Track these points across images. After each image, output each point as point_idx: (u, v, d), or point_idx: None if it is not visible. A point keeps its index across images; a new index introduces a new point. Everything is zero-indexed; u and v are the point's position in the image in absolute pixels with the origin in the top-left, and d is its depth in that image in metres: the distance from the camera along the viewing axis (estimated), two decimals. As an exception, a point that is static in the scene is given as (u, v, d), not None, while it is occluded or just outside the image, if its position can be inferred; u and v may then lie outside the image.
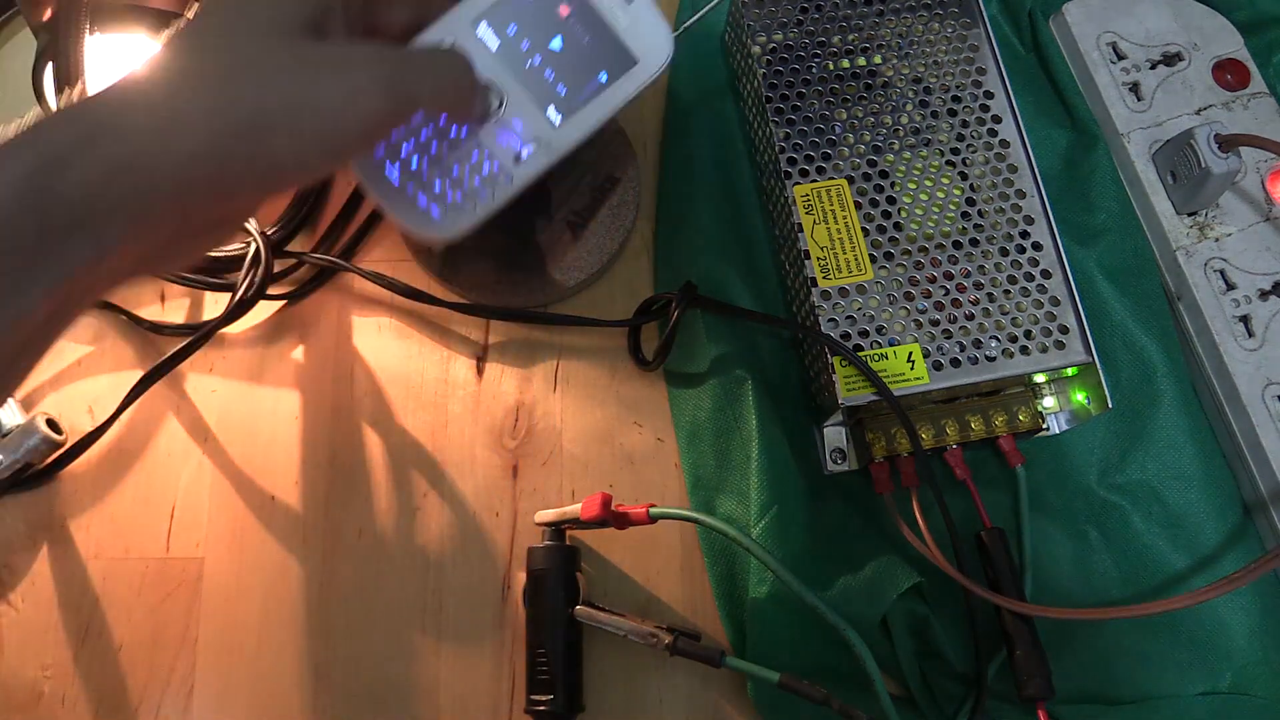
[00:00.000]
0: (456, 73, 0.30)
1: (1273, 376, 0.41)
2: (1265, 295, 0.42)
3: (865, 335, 0.38)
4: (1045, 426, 0.40)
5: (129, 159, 0.23)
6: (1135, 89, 0.46)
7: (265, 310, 0.46)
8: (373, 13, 0.30)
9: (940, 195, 0.40)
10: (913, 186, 0.41)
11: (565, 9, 0.33)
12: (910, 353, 0.38)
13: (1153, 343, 0.42)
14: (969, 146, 0.41)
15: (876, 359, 0.38)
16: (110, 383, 0.45)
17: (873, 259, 0.39)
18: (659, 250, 0.46)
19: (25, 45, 0.47)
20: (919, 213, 0.40)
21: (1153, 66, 0.47)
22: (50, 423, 0.43)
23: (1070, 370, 0.39)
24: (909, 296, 0.39)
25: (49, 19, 0.41)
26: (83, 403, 0.45)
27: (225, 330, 0.45)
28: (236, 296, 0.43)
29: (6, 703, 0.41)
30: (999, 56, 0.42)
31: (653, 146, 0.48)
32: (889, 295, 0.39)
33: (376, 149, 0.32)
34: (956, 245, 0.40)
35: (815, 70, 0.42)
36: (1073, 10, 0.48)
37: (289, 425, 0.44)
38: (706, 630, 0.40)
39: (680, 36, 0.36)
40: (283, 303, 0.46)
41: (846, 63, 0.42)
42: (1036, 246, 0.39)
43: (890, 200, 0.40)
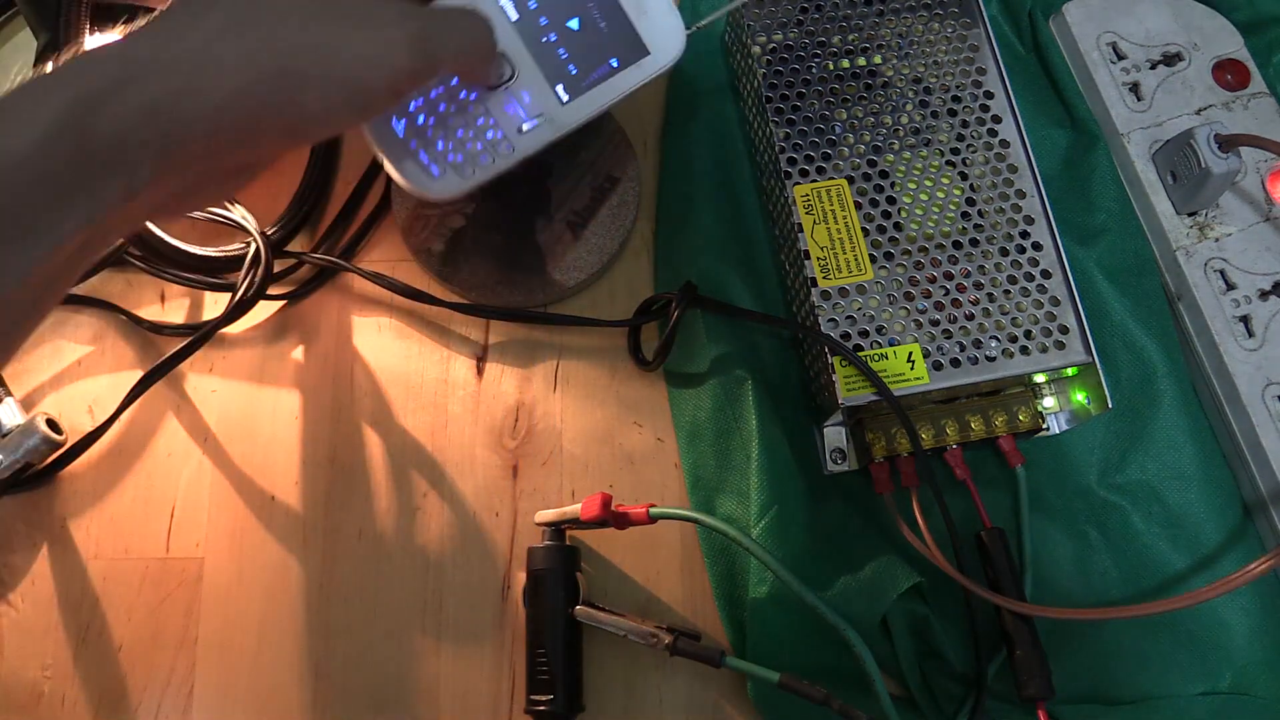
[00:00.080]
0: (479, 36, 0.30)
1: (1273, 376, 0.41)
2: (1265, 295, 0.42)
3: (865, 335, 0.38)
4: (1045, 426, 0.40)
5: (165, 101, 0.24)
6: (1135, 89, 0.46)
7: (265, 310, 0.46)
8: None
9: (940, 195, 0.40)
10: (913, 186, 0.41)
11: None
12: (910, 353, 0.38)
13: (1153, 343, 0.42)
14: (969, 146, 0.41)
15: (876, 359, 0.38)
16: (110, 383, 0.45)
17: (873, 259, 0.39)
18: (659, 250, 0.46)
19: (25, 45, 0.47)
20: (919, 213, 0.40)
21: (1153, 66, 0.47)
22: (50, 423, 0.43)
23: (1070, 370, 0.39)
24: (909, 296, 0.39)
25: (49, 19, 0.41)
26: (83, 403, 0.45)
27: (225, 330, 0.45)
28: (236, 296, 0.43)
29: (6, 703, 0.41)
30: (999, 56, 0.42)
31: (653, 146, 0.48)
32: (889, 295, 0.39)
33: None
34: (956, 245, 0.40)
35: (815, 70, 0.42)
36: (1073, 10, 0.48)
37: (289, 425, 0.44)
38: (706, 630, 0.40)
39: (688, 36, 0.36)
40: (283, 303, 0.46)
41: (846, 63, 0.43)
42: (1036, 246, 0.39)
43: (890, 200, 0.40)
